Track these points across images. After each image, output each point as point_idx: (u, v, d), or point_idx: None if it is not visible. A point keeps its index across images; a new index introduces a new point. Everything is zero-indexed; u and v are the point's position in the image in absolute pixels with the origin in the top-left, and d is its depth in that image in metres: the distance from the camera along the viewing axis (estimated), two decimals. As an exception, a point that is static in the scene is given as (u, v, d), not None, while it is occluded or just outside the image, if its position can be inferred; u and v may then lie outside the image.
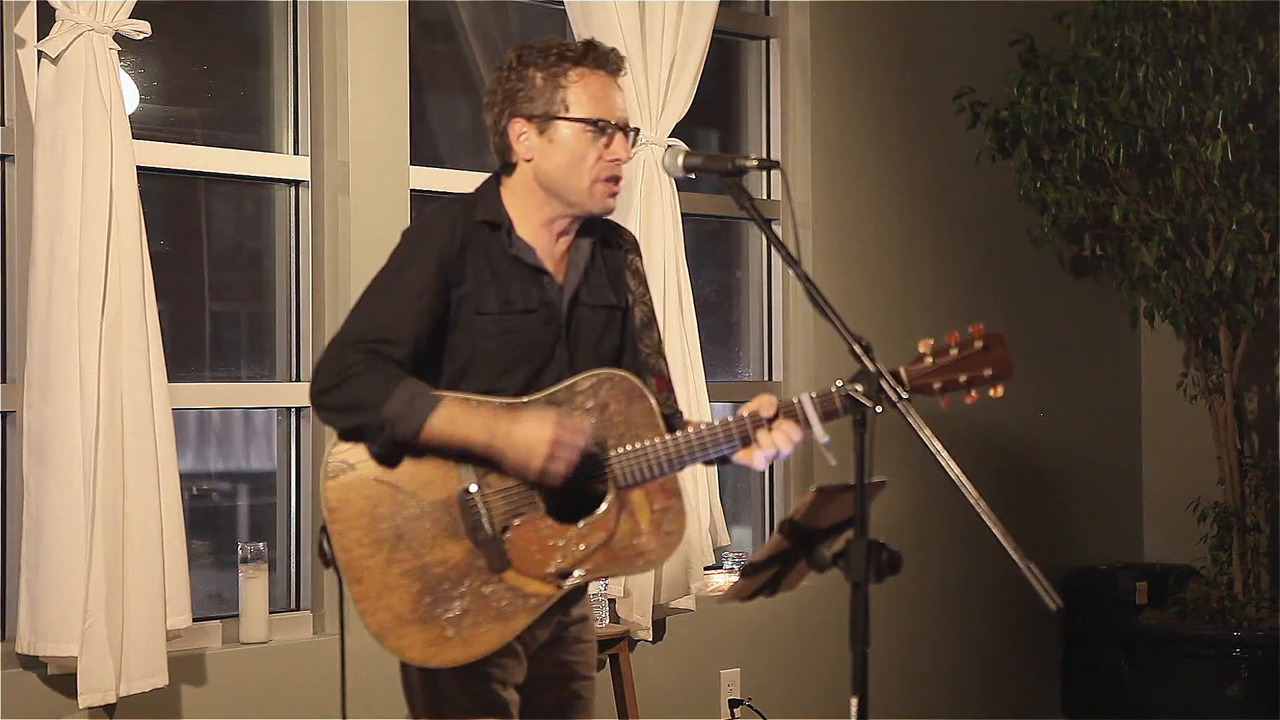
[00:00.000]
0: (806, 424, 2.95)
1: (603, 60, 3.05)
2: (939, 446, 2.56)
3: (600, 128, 3.01)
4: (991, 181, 6.10)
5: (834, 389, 2.91)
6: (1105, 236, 6.00)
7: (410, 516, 2.93)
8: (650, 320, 3.19)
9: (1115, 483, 6.68)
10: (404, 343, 2.93)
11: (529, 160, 3.04)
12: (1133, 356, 6.73)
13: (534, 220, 3.05)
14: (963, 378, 2.95)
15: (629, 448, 2.97)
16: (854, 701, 2.47)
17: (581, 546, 2.97)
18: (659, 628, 5.02)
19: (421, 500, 2.94)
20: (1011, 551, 2.45)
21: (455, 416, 2.90)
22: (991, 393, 2.97)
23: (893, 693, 5.67)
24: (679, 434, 2.98)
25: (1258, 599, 5.92)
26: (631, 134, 3.07)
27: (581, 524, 2.97)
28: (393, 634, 2.90)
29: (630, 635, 4.87)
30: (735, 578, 4.43)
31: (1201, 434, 6.14)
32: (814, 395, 2.94)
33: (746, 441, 2.98)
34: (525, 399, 2.97)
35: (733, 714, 5.25)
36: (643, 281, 3.19)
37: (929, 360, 2.95)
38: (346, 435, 2.95)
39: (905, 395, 2.61)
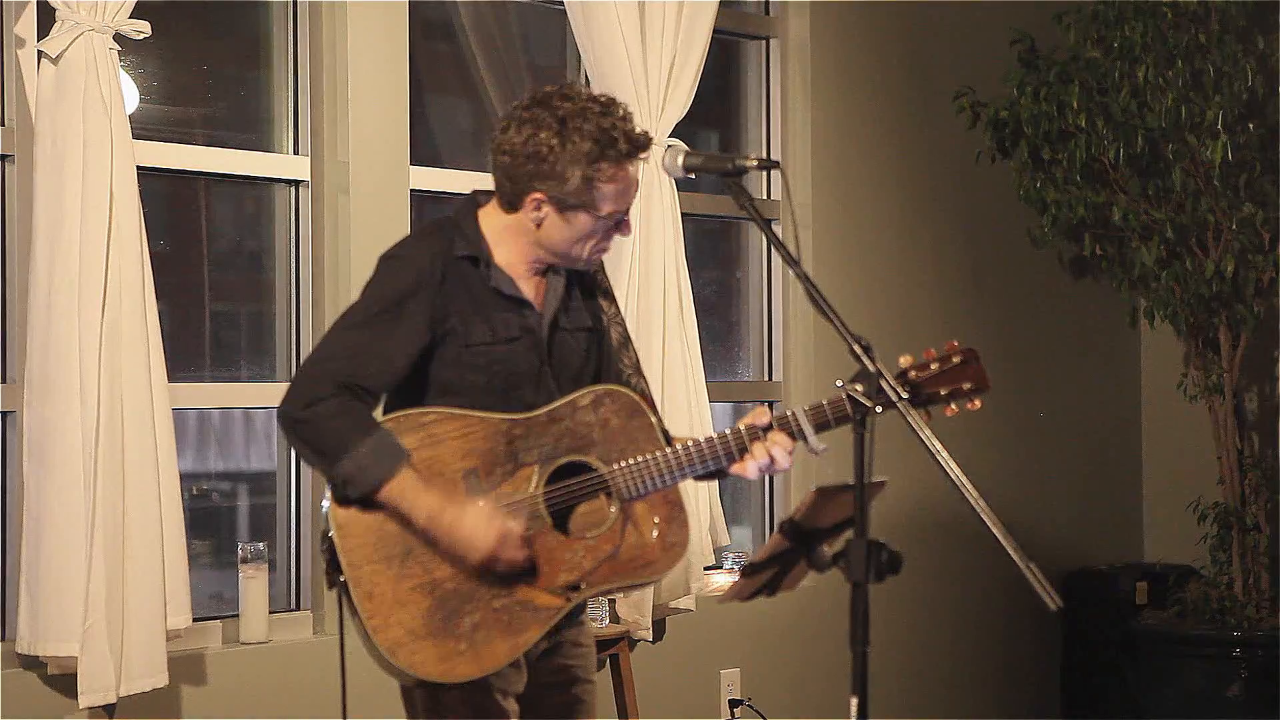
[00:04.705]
0: (800, 435, 3.01)
1: (637, 149, 3.01)
2: (939, 446, 2.57)
3: (618, 221, 3.03)
4: (991, 181, 6.09)
5: (825, 403, 2.98)
6: (1105, 236, 6.00)
7: (418, 531, 2.92)
8: (626, 340, 3.20)
9: (1115, 483, 6.67)
10: (380, 389, 2.96)
11: (536, 226, 3.02)
12: (1133, 356, 6.73)
13: (514, 254, 3.04)
14: (943, 391, 3.04)
15: (630, 461, 3.00)
16: (854, 701, 2.47)
17: (589, 559, 2.99)
18: (659, 628, 5.01)
19: None
20: (1011, 551, 2.45)
21: (405, 492, 2.90)
22: (969, 406, 3.07)
23: (893, 693, 5.66)
24: (678, 446, 3.01)
25: (1258, 599, 5.92)
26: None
27: (588, 537, 2.99)
28: (406, 650, 2.90)
29: (630, 635, 4.87)
30: (735, 578, 4.43)
31: (1201, 434, 6.13)
32: (806, 408, 3.01)
33: (743, 453, 3.03)
34: (525, 416, 2.98)
35: (733, 714, 5.25)
36: (614, 300, 3.20)
37: (912, 374, 3.03)
38: None
39: (905, 395, 2.61)
